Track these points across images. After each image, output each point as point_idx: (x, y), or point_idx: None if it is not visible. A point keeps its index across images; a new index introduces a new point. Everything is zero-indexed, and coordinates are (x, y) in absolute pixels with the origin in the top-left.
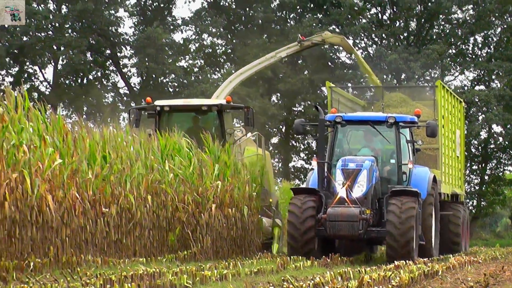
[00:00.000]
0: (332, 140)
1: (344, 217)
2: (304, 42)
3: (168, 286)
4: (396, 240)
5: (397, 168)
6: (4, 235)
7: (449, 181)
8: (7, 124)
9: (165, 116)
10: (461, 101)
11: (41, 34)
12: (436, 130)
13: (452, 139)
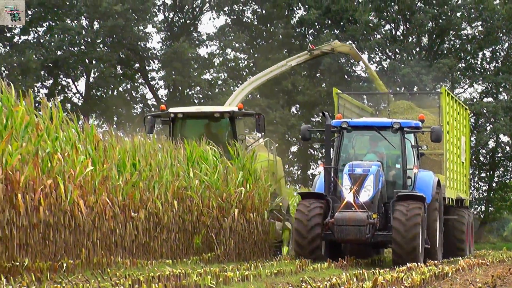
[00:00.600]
0: (338, 145)
1: (352, 222)
2: (314, 51)
3: (193, 287)
4: (402, 247)
5: (402, 172)
6: (39, 238)
7: (454, 186)
8: (42, 133)
9: (178, 122)
10: (466, 108)
11: (74, 48)
12: (440, 135)
13: (457, 145)
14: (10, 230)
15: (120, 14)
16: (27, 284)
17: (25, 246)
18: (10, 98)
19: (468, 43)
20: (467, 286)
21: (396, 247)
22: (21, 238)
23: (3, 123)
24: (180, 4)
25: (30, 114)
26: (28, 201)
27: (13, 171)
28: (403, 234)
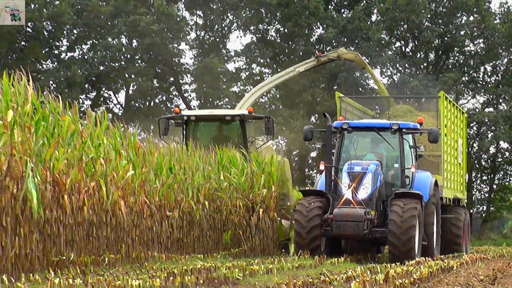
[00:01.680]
0: (339, 145)
1: (350, 217)
2: (321, 58)
3: (222, 279)
4: (398, 239)
5: (401, 172)
6: (83, 235)
7: (451, 186)
8: (86, 140)
9: (191, 125)
10: (464, 112)
11: (115, 64)
12: (437, 136)
13: (455, 147)
14: (57, 227)
15: (157, 33)
16: (72, 277)
17: (71, 242)
18: (57, 109)
19: (471, 59)
20: (470, 278)
21: (393, 242)
22: (67, 235)
23: (51, 131)
24: (210, 24)
25: (76, 123)
26: (73, 201)
27: (60, 175)
28: (399, 230)
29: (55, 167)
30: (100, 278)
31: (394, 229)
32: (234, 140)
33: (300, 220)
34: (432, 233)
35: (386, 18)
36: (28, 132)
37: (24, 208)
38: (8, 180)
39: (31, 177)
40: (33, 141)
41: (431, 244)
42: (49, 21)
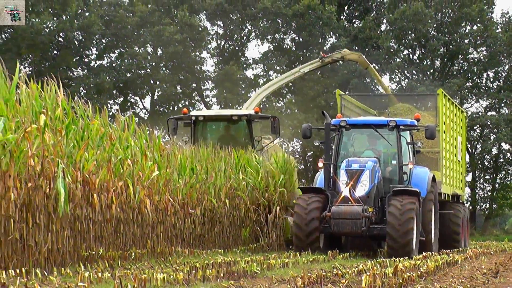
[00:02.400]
0: (338, 143)
1: (347, 215)
2: (325, 58)
3: (241, 272)
4: (396, 240)
5: (398, 168)
6: (111, 231)
7: (450, 182)
8: (115, 142)
9: (199, 125)
10: (463, 111)
11: (141, 71)
12: (434, 132)
13: (454, 145)
14: (87, 224)
15: (180, 42)
16: (101, 270)
17: (100, 238)
18: (87, 113)
19: (474, 65)
20: (474, 271)
21: (391, 239)
22: (97, 231)
23: (81, 134)
24: (230, 33)
25: (105, 126)
26: (102, 200)
27: (89, 175)
28: (397, 228)
29: (85, 167)
30: (127, 272)
31: (392, 226)
32: (241, 140)
33: (299, 219)
34: (430, 229)
35: (394, 27)
36: (59, 135)
37: (56, 206)
38: (41, 180)
39: (61, 177)
40: (64, 143)
41: (429, 239)
42: (79, 31)
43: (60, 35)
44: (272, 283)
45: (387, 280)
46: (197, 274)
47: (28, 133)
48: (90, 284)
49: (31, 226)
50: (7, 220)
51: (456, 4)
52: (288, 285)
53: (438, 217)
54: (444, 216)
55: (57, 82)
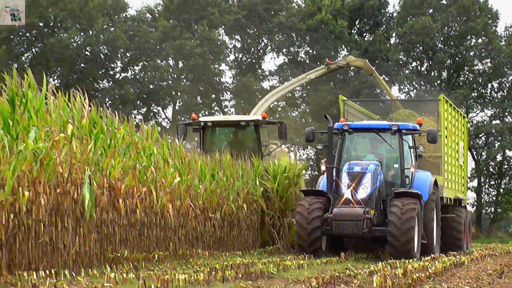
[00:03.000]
0: (340, 146)
1: (349, 217)
2: (331, 65)
3: (258, 273)
4: (397, 240)
5: (400, 172)
6: (136, 234)
7: (452, 186)
8: (140, 150)
9: (208, 130)
10: (465, 117)
11: (163, 83)
12: (436, 136)
13: (456, 149)
14: (113, 227)
15: (200, 55)
16: (126, 272)
17: (125, 241)
18: (113, 123)
19: (479, 77)
20: (480, 272)
21: (392, 240)
22: (122, 234)
23: (108, 143)
24: (247, 47)
25: (132, 136)
26: (127, 204)
27: (115, 181)
28: (398, 228)
29: (111, 174)
30: (150, 273)
31: (393, 229)
32: (249, 145)
33: (301, 222)
34: (432, 232)
35: (403, 41)
36: (86, 143)
37: (83, 211)
38: (69, 186)
39: (87, 183)
40: (91, 151)
41: (431, 242)
42: (105, 45)
43: (87, 49)
44: (288, 284)
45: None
46: (216, 275)
47: (56, 142)
48: (116, 285)
49: (60, 229)
50: (38, 224)
51: (462, 18)
52: (303, 285)
53: (440, 220)
54: (446, 220)
55: (84, 94)
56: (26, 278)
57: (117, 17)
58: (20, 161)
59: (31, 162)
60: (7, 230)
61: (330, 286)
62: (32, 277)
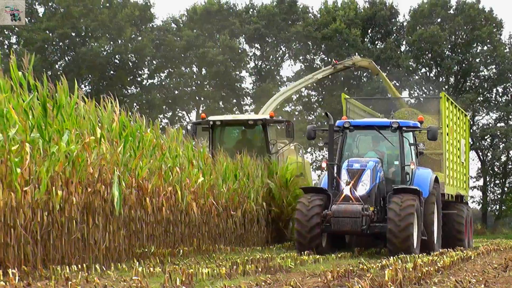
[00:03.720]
0: (341, 144)
1: (347, 213)
2: (337, 65)
3: (277, 267)
4: (396, 236)
5: (401, 169)
6: (162, 231)
7: (453, 183)
8: (165, 152)
9: (217, 129)
10: (466, 115)
11: (187, 88)
12: (436, 133)
13: (457, 147)
14: (140, 224)
15: (222, 62)
16: (153, 266)
17: (152, 237)
18: (141, 126)
19: (485, 82)
20: (486, 266)
21: (391, 236)
22: (149, 231)
23: (136, 145)
24: (266, 54)
25: (157, 138)
26: (154, 203)
27: (143, 181)
28: (397, 222)
29: (139, 174)
30: (175, 267)
31: (392, 225)
32: (257, 144)
33: (301, 219)
34: (433, 228)
35: (413, 48)
36: (115, 145)
37: (113, 209)
38: (99, 186)
39: (116, 183)
40: (121, 153)
41: (431, 238)
42: (133, 53)
43: (116, 57)
44: (305, 277)
45: (407, 274)
46: (238, 269)
47: (87, 144)
48: (143, 278)
49: (91, 226)
50: (70, 222)
51: (468, 27)
52: (319, 278)
53: (440, 217)
54: (447, 216)
55: (114, 99)
56: (59, 272)
57: (144, 27)
58: (53, 162)
59: (63, 163)
60: (42, 227)
61: (344, 279)
62: (65, 271)
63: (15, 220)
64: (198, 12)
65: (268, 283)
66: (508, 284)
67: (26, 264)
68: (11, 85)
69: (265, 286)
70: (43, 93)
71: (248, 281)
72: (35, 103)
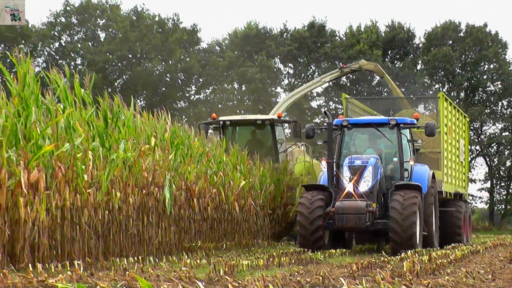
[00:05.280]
0: (340, 142)
1: (352, 210)
2: (344, 69)
3: (308, 259)
4: (400, 228)
5: (399, 165)
6: (207, 228)
7: (452, 181)
8: (210, 158)
9: (228, 129)
10: (466, 116)
11: (229, 103)
12: (433, 130)
13: (456, 147)
14: (189, 222)
15: (259, 80)
16: (200, 258)
17: (199, 233)
18: (190, 136)
19: (491, 96)
20: (493, 259)
21: (394, 233)
22: (196, 227)
23: (185, 152)
24: (298, 73)
25: (204, 146)
26: (200, 203)
27: (191, 184)
28: (400, 222)
29: (188, 178)
30: (219, 259)
31: (395, 219)
32: (266, 143)
33: (304, 212)
34: (432, 224)
35: (428, 67)
36: (167, 153)
37: (164, 208)
38: (152, 188)
39: (168, 185)
40: (172, 159)
41: (430, 234)
42: (182, 72)
43: (167, 75)
44: (333, 268)
45: (423, 266)
46: (274, 261)
47: (142, 152)
48: (191, 269)
49: (145, 223)
50: (127, 219)
51: (477, 48)
52: (345, 269)
53: (438, 213)
54: (446, 213)
55: (166, 112)
56: (118, 263)
57: (191, 49)
58: (112, 168)
59: (121, 169)
60: (103, 224)
61: (367, 270)
62: (123, 262)
63: (80, 218)
64: (238, 35)
65: (300, 273)
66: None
67: (89, 256)
68: (74, 100)
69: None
70: (104, 107)
71: (283, 271)
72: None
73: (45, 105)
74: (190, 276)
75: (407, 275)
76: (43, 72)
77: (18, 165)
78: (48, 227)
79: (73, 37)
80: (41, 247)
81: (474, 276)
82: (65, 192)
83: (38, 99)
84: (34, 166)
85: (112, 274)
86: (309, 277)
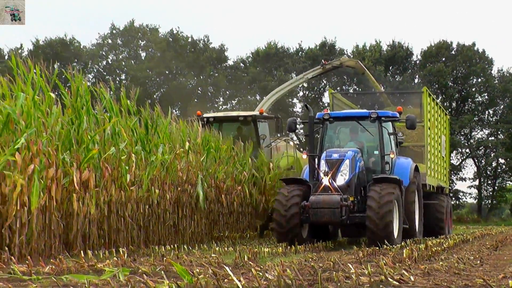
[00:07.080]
0: (322, 135)
1: (326, 204)
2: (326, 65)
3: (321, 247)
4: (375, 224)
5: (380, 158)
6: (233, 220)
7: (434, 175)
8: (236, 161)
9: (213, 126)
10: (446, 114)
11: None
12: (414, 122)
13: (438, 142)
14: (218, 215)
15: None
16: (227, 246)
17: (226, 224)
18: (219, 141)
19: (479, 106)
20: (481, 247)
21: (370, 225)
22: (223, 219)
23: (215, 155)
24: (311, 85)
25: (231, 150)
26: (228, 199)
27: (219, 182)
28: (376, 214)
29: (217, 177)
30: (244, 247)
31: (371, 214)
32: (251, 138)
33: (279, 209)
34: (414, 216)
35: (424, 80)
36: (199, 156)
37: (197, 203)
38: (186, 185)
39: (200, 184)
40: (204, 161)
41: (413, 227)
42: (211, 86)
43: (199, 89)
44: (342, 255)
45: (420, 253)
46: (291, 249)
47: (177, 155)
48: (219, 255)
49: (180, 216)
50: (165, 213)
51: (466, 64)
52: (353, 256)
53: (422, 205)
54: (429, 206)
55: (199, 121)
56: (157, 250)
57: (220, 66)
58: (152, 168)
59: (159, 169)
60: (144, 217)
61: (372, 256)
62: (161, 249)
63: (124, 211)
64: (260, 54)
65: (314, 259)
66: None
67: (132, 244)
68: (120, 110)
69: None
70: (145, 116)
71: (299, 258)
72: (141, 123)
73: (94, 115)
74: (218, 262)
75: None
76: (92, 87)
77: (71, 166)
78: (97, 219)
79: (118, 56)
80: (91, 236)
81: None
82: (111, 189)
83: (88, 110)
84: (85, 167)
85: (151, 260)
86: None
